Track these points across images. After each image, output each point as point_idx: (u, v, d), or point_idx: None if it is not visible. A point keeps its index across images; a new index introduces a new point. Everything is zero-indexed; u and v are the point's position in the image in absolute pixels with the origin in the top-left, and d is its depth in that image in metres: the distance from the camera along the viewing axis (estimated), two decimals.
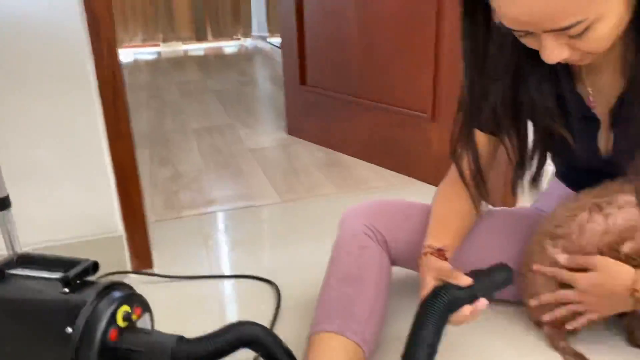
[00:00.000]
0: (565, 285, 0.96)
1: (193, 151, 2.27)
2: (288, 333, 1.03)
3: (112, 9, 1.20)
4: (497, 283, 0.88)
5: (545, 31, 0.73)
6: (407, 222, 1.11)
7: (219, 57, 4.75)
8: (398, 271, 1.12)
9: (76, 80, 1.17)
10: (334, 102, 2.13)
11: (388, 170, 1.97)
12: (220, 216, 1.68)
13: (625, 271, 0.87)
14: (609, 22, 0.72)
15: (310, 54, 2.21)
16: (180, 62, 4.53)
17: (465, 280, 0.84)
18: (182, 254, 1.46)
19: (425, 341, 0.81)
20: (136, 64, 4.49)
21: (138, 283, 1.33)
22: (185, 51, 5.08)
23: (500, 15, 0.75)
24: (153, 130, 2.61)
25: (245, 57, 4.68)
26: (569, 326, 0.98)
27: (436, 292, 0.83)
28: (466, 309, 0.83)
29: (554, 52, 0.75)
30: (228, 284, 1.32)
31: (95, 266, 0.97)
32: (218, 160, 2.15)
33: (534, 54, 0.80)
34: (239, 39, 5.47)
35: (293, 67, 2.29)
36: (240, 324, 0.92)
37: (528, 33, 0.75)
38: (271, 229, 1.61)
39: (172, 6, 5.05)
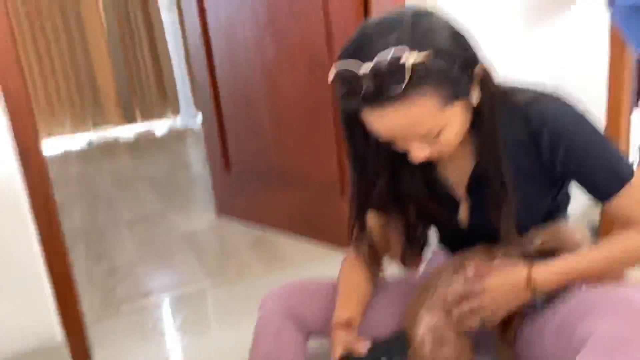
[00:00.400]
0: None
1: (127, 243, 2.37)
2: None
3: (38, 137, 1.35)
4: (396, 348, 1.04)
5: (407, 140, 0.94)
6: (318, 299, 1.27)
7: (150, 141, 4.86)
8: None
9: (10, 207, 1.30)
10: (256, 182, 2.31)
11: (313, 243, 2.14)
12: (155, 308, 1.79)
13: (517, 268, 1.03)
14: (455, 126, 0.94)
15: (231, 138, 2.39)
16: (111, 149, 4.61)
17: (364, 347, 1.00)
18: (122, 352, 1.56)
19: None
20: (66, 155, 4.53)
21: None
22: (116, 138, 5.16)
23: (371, 130, 0.94)
24: (86, 224, 2.69)
25: (176, 138, 4.81)
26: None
27: None
28: None
29: (418, 153, 0.96)
30: None
31: None
32: (151, 250, 2.26)
33: (404, 154, 1.01)
34: (168, 117, 5.61)
35: (216, 152, 2.47)
36: None
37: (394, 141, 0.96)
38: (202, 315, 1.73)
39: (99, 91, 5.16)
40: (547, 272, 1.01)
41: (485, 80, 0.97)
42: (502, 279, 1.03)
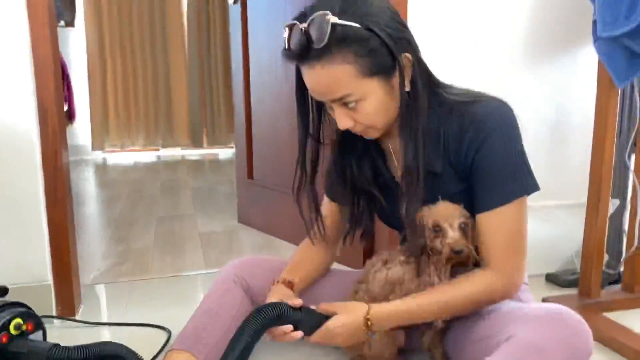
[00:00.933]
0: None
1: (149, 233, 2.57)
2: None
3: (61, 102, 1.58)
4: (314, 321, 1.11)
5: (331, 101, 1.06)
6: (269, 272, 1.38)
7: (212, 162, 5.20)
8: None
9: (24, 154, 1.52)
10: (273, 195, 2.46)
11: None
12: (151, 283, 1.95)
13: (359, 307, 1.11)
14: (373, 102, 1.05)
15: (256, 154, 2.58)
16: (174, 164, 4.98)
17: (297, 302, 1.10)
18: (107, 308, 1.73)
19: (241, 341, 1.02)
20: (135, 165, 4.94)
21: (61, 327, 1.59)
22: (183, 155, 5.56)
23: (309, 89, 1.07)
24: (123, 215, 2.94)
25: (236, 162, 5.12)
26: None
27: (270, 304, 1.07)
28: (287, 328, 1.07)
29: (342, 120, 1.07)
30: (137, 330, 1.56)
31: (4, 290, 1.25)
32: (168, 241, 2.45)
33: (351, 137, 1.14)
34: (232, 147, 5.96)
35: (243, 165, 2.66)
36: (108, 342, 1.18)
37: (330, 106, 1.08)
38: (188, 293, 1.87)
39: (172, 115, 5.60)
40: (383, 314, 1.09)
41: (416, 69, 1.07)
42: (348, 319, 1.09)
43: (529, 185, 1.07)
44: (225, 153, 5.74)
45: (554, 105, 1.89)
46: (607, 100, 1.55)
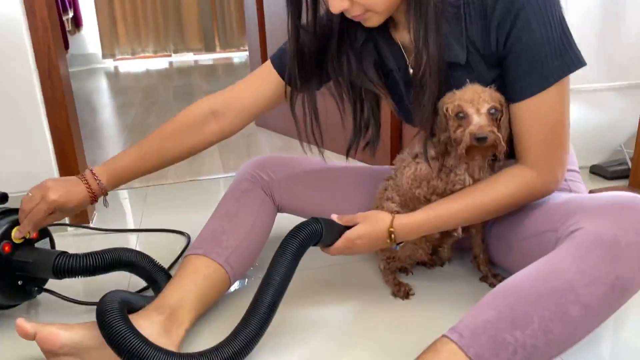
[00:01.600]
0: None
1: None
2: None
3: None
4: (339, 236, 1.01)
5: None
6: (291, 170, 1.26)
7: (226, 66, 4.99)
8: None
9: (15, 53, 1.37)
10: None
11: (334, 154, 2.11)
12: (167, 187, 1.85)
13: (382, 217, 0.99)
14: None
15: (271, 52, 2.39)
16: (187, 70, 4.79)
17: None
18: (121, 214, 1.64)
19: (285, 261, 0.93)
20: (147, 72, 4.77)
21: (74, 235, 1.52)
22: (196, 61, 5.35)
23: None
24: (135, 122, 2.82)
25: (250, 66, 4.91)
26: None
27: (315, 219, 0.97)
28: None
29: (336, 2, 0.90)
30: (155, 236, 1.48)
31: (4, 197, 1.15)
32: None
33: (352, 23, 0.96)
34: (246, 50, 5.72)
35: (257, 64, 2.48)
36: (122, 249, 1.09)
37: None
38: (207, 197, 1.77)
39: (182, 19, 5.33)
40: (407, 226, 0.98)
41: None
42: (369, 229, 0.99)
43: (572, 61, 0.88)
44: (240, 56, 5.52)
45: None
46: None
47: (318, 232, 0.95)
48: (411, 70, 1.02)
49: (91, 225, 1.56)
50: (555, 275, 0.76)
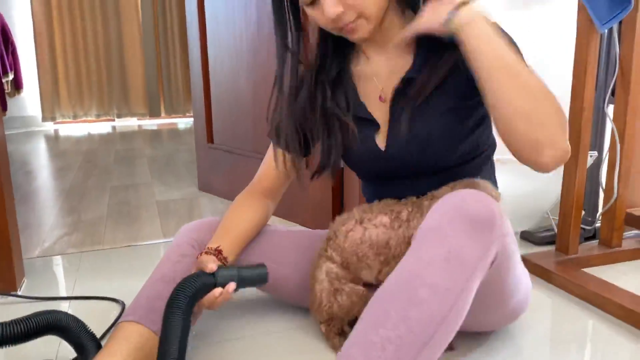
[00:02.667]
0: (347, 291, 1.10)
1: (102, 204, 2.41)
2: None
3: None
4: (253, 275, 1.02)
5: None
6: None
7: (171, 131, 4.99)
8: None
9: None
10: (235, 159, 2.32)
11: (277, 218, 2.12)
12: (102, 253, 1.80)
13: None
14: None
15: (216, 116, 2.43)
16: (130, 135, 4.75)
17: (211, 268, 0.98)
18: (53, 281, 1.57)
19: (174, 330, 0.91)
20: (89, 136, 4.70)
21: (1, 304, 1.44)
22: (140, 126, 5.33)
23: None
24: (74, 186, 2.75)
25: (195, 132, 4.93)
26: None
27: (185, 279, 0.96)
28: (216, 291, 0.97)
29: (331, 6, 0.94)
30: (85, 304, 1.42)
31: None
32: (122, 211, 2.29)
33: (328, 58, 1.06)
34: (191, 115, 5.76)
35: (202, 128, 2.50)
36: (51, 311, 1.03)
37: (312, 1, 0.96)
38: (144, 263, 1.73)
39: (127, 83, 5.34)
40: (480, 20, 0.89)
41: None
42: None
43: None
44: (185, 122, 5.54)
45: (529, 54, 1.79)
46: (587, 48, 1.46)
47: (197, 290, 0.95)
48: (381, 97, 1.08)
49: (19, 292, 1.49)
50: (400, 272, 0.85)
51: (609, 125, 1.64)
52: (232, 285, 0.98)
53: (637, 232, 1.76)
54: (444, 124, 1.03)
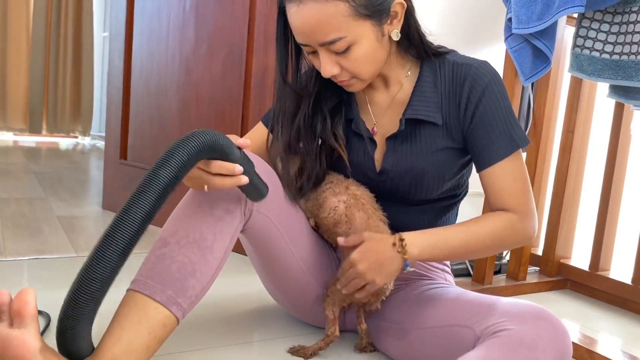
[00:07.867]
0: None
1: None
2: None
3: None
4: (260, 182, 0.96)
5: (320, 45, 0.96)
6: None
7: (52, 150, 4.63)
8: None
9: None
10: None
11: None
12: (9, 264, 1.62)
13: (385, 237, 1.04)
14: (363, 47, 0.98)
15: (133, 132, 2.32)
16: (6, 150, 4.33)
17: (240, 143, 0.90)
18: None
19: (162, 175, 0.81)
20: None
21: None
22: (16, 142, 4.89)
23: (294, 32, 0.97)
24: None
25: (79, 152, 4.62)
26: (358, 294, 1.06)
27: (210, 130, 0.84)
28: (229, 165, 0.87)
29: (327, 66, 0.98)
30: None
31: None
32: (19, 223, 2.08)
33: (328, 88, 1.08)
34: (76, 136, 5.40)
35: (115, 144, 2.37)
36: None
37: (313, 51, 0.99)
38: (57, 276, 1.59)
39: (6, 95, 4.91)
40: (416, 238, 1.03)
41: (409, 14, 1.03)
42: (371, 245, 1.02)
43: (524, 135, 1.08)
44: (67, 143, 5.17)
45: None
46: (512, 97, 1.65)
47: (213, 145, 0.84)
48: (372, 126, 1.13)
49: None
50: None
51: None
52: (240, 169, 0.89)
53: (535, 269, 1.96)
54: (437, 160, 1.10)
